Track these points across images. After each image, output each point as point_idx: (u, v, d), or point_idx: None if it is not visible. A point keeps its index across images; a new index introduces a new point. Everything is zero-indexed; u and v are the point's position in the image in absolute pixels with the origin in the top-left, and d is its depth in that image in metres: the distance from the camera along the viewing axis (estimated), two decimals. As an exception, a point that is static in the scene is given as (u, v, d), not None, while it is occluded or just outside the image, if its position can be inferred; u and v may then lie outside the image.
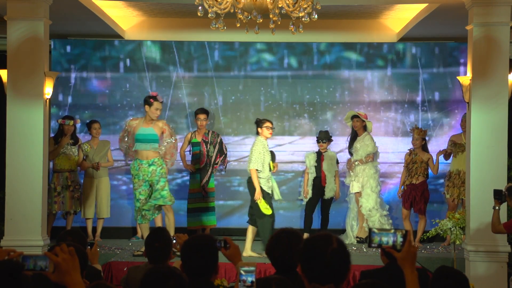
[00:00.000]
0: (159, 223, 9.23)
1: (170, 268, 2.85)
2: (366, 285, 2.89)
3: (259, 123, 8.34)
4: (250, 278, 3.14)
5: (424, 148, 9.24)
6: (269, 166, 8.25)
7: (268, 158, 8.25)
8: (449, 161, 9.28)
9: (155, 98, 8.18)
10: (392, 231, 2.81)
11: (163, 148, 8.16)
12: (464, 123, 8.77)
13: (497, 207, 6.39)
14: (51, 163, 8.99)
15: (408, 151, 9.26)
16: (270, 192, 8.26)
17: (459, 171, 8.88)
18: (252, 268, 3.17)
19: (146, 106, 8.14)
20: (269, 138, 8.38)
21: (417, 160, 9.10)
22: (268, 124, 8.29)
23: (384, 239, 2.79)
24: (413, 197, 9.07)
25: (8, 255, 3.08)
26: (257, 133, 8.33)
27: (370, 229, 2.80)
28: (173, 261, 4.49)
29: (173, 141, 8.23)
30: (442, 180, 9.54)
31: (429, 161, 9.12)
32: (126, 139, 8.28)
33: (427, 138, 9.52)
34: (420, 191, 9.09)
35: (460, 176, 8.86)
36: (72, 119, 9.08)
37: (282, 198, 8.71)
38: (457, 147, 8.98)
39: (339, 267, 2.60)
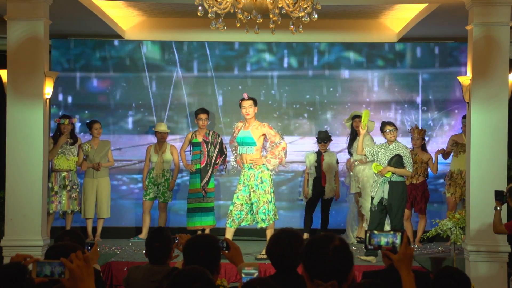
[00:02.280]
0: (161, 223, 9.23)
1: (199, 269, 2.84)
2: (364, 284, 2.90)
3: (381, 127, 8.18)
4: None
5: (424, 148, 9.24)
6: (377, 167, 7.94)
7: (383, 160, 7.95)
8: (448, 160, 9.28)
9: (242, 99, 8.08)
10: (392, 232, 2.82)
11: (268, 155, 7.90)
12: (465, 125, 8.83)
13: (498, 208, 6.39)
14: (49, 163, 8.99)
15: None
16: (373, 195, 8.00)
17: (461, 171, 8.88)
18: (254, 270, 3.17)
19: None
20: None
21: (417, 160, 9.09)
22: (386, 127, 8.07)
23: (384, 240, 2.79)
24: (414, 197, 9.06)
25: (24, 261, 3.07)
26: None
27: (367, 231, 2.81)
28: (175, 261, 4.50)
29: (278, 144, 7.90)
30: (442, 180, 9.54)
31: (429, 161, 9.12)
32: (234, 141, 8.23)
33: (426, 138, 9.52)
34: (420, 191, 9.09)
35: (462, 176, 8.85)
36: (68, 118, 9.09)
37: (374, 204, 8.00)
38: (459, 147, 8.98)
39: (341, 264, 2.62)
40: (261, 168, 7.92)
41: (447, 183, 9.10)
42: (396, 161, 7.93)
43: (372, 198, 8.01)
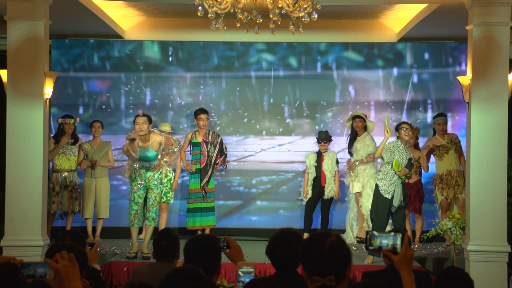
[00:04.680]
0: (162, 224, 9.23)
1: (193, 268, 2.85)
2: (364, 284, 2.90)
3: (397, 125, 8.13)
4: (247, 279, 3.13)
5: (416, 147, 9.24)
6: (396, 167, 7.78)
7: (400, 160, 7.84)
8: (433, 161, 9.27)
9: (137, 115, 8.12)
10: (392, 233, 2.82)
11: (167, 158, 8.22)
12: (437, 126, 9.08)
13: None
14: (50, 163, 9.00)
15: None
16: (388, 197, 7.86)
17: (449, 171, 8.89)
18: (251, 269, 3.16)
19: None
20: (268, 139, 8.30)
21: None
22: (403, 125, 7.98)
23: (384, 241, 2.79)
24: (408, 196, 9.03)
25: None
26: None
27: (368, 232, 2.81)
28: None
29: (175, 151, 8.25)
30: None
31: (420, 159, 9.11)
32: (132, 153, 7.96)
33: (425, 138, 9.51)
34: (415, 190, 9.08)
35: (452, 175, 8.86)
36: (72, 118, 9.09)
37: (395, 205, 7.90)
38: (440, 149, 8.99)
39: (338, 259, 2.63)
40: (160, 170, 8.25)
41: (438, 187, 9.03)
42: (409, 163, 7.97)
43: (386, 198, 7.88)
